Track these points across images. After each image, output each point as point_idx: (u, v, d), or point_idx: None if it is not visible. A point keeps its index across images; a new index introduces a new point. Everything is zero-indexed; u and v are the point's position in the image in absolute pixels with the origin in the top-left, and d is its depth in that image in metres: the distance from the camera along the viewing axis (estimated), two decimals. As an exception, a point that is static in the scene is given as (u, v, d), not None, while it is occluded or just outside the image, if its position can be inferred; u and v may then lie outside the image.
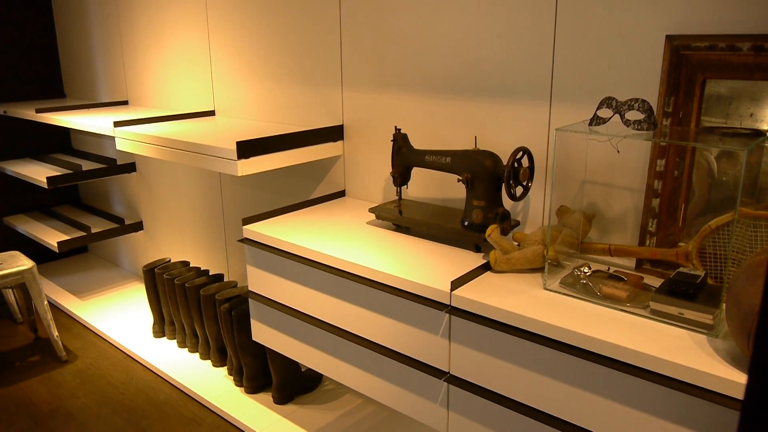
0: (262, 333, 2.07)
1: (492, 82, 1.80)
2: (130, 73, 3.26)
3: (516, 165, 1.63)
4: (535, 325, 1.31)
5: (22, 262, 2.79)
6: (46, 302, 2.83)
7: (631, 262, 1.56)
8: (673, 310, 1.27)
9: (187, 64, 2.86)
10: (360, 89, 2.17)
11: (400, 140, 1.93)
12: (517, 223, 1.77)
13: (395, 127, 2.08)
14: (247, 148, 1.99)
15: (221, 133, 2.31)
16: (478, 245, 1.71)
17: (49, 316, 2.84)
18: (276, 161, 2.09)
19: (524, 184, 1.67)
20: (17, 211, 3.78)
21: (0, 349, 3.01)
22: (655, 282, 1.45)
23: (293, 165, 2.38)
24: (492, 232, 1.56)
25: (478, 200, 1.70)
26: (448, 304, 1.46)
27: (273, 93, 2.49)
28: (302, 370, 2.53)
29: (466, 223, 1.73)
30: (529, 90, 1.72)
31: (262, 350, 2.46)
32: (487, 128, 1.85)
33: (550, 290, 1.45)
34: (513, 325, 1.35)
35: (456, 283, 1.47)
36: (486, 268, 1.58)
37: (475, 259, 1.65)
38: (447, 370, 1.51)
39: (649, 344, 1.18)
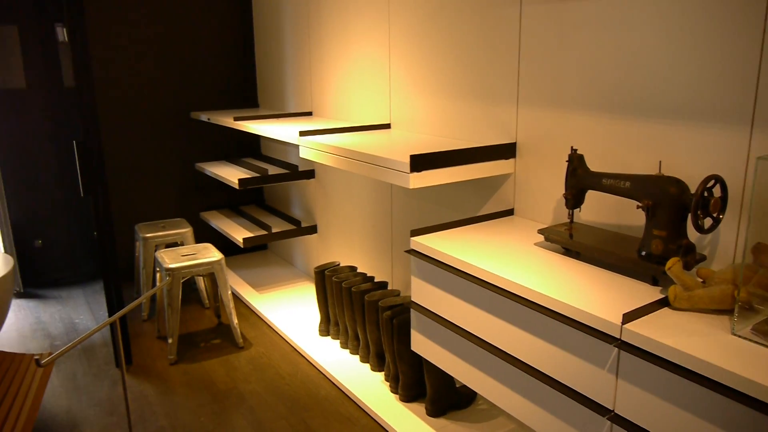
0: (421, 344, 2.11)
1: (681, 102, 1.67)
2: (316, 86, 3.50)
3: (706, 194, 1.49)
4: (720, 373, 1.18)
5: (213, 254, 3.11)
6: (230, 292, 3.12)
7: (844, 314, 1.36)
8: None
9: (367, 78, 3.01)
10: (536, 106, 2.13)
11: (575, 161, 1.86)
12: (703, 258, 1.62)
13: (571, 147, 2.01)
14: (420, 162, 2.04)
15: (395, 146, 2.39)
16: (656, 278, 1.59)
17: (232, 305, 3.12)
18: (447, 176, 2.11)
19: (714, 215, 1.53)
20: (211, 208, 4.23)
21: (189, 330, 3.38)
22: None
23: (463, 180, 2.39)
24: (673, 265, 1.44)
25: (659, 229, 1.58)
26: (618, 337, 1.38)
27: (447, 108, 2.53)
28: (457, 385, 2.52)
29: (643, 253, 1.62)
30: (726, 112, 1.57)
31: (419, 361, 2.50)
32: (673, 152, 1.72)
33: (740, 336, 1.30)
34: (693, 370, 1.23)
35: (628, 317, 1.38)
36: (663, 303, 1.47)
37: (651, 293, 1.54)
38: (611, 408, 1.42)
39: None
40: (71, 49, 2.64)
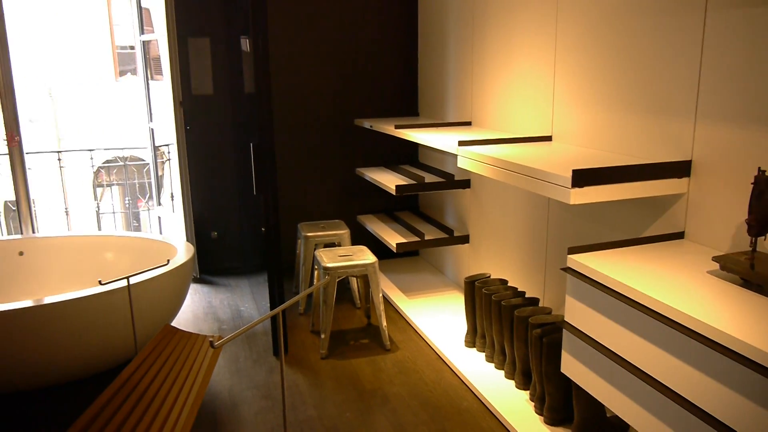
0: (571, 366, 2.02)
1: None
2: (476, 96, 3.50)
3: None
4: None
5: (368, 257, 3.22)
6: (381, 295, 3.21)
7: None
8: None
9: (529, 89, 2.95)
10: (718, 121, 1.95)
11: (763, 183, 1.68)
12: None
13: (758, 168, 1.81)
14: (583, 177, 1.95)
15: (556, 159, 2.32)
16: None
17: (382, 307, 3.21)
18: (611, 193, 2.00)
19: None
20: (368, 212, 4.39)
21: (341, 328, 3.52)
22: None
23: (628, 199, 2.25)
24: None
25: None
26: (807, 386, 1.22)
27: (613, 121, 2.40)
28: (607, 414, 2.38)
29: (844, 293, 1.42)
30: None
31: (568, 383, 2.39)
32: None
33: None
34: None
35: (822, 364, 1.21)
36: None
37: None
38: (794, 465, 1.26)
39: None
40: (253, 59, 2.88)
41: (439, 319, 3.48)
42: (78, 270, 3.56)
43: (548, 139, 2.83)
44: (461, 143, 2.77)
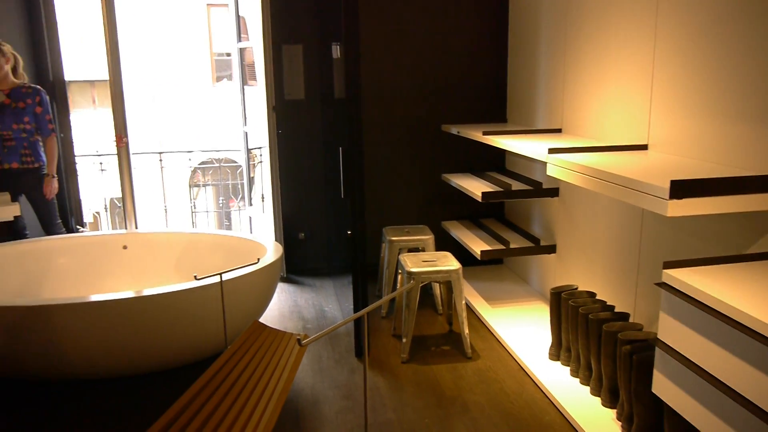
0: (663, 387, 1.92)
1: None
2: (568, 103, 3.41)
3: None
4: None
5: (452, 263, 3.20)
6: (463, 302, 3.19)
7: None
8: None
9: (624, 96, 2.84)
10: (838, 134, 1.80)
11: None
12: None
13: None
14: (682, 188, 1.86)
15: (652, 169, 2.22)
16: None
17: (464, 314, 3.19)
18: (712, 206, 1.90)
19: None
20: (453, 218, 4.37)
21: (422, 333, 3.52)
22: None
23: (732, 213, 2.12)
24: None
25: None
26: None
27: (716, 130, 2.27)
28: (703, 440, 2.25)
29: None
30: None
31: (659, 404, 2.28)
32: None
33: None
34: None
35: None
36: None
37: None
38: None
39: None
40: (344, 65, 2.94)
41: (522, 329, 3.41)
42: (175, 265, 3.76)
43: (644, 147, 2.72)
44: (551, 151, 2.70)
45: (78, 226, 4.60)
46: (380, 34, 4.22)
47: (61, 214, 4.18)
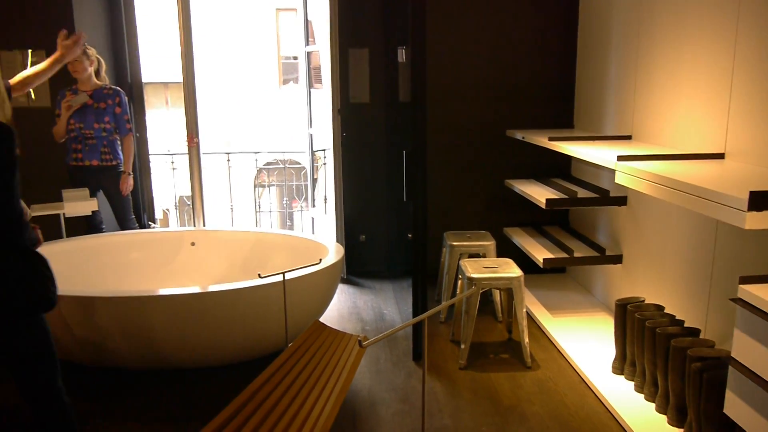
0: (736, 408, 1.83)
1: None
2: (639, 109, 3.30)
3: None
4: None
5: (513, 270, 3.16)
6: (524, 310, 3.14)
7: None
8: None
9: (700, 102, 2.73)
10: None
11: None
12: None
13: None
14: (762, 200, 1.77)
15: (729, 179, 2.13)
16: None
17: (525, 323, 3.14)
18: (796, 220, 1.80)
19: None
20: (515, 224, 4.30)
21: (481, 339, 3.49)
22: None
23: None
24: None
25: None
26: None
27: (805, 141, 2.15)
28: (778, 466, 2.13)
29: None
30: None
31: (731, 426, 2.18)
32: None
33: None
34: None
35: None
36: None
37: None
38: None
39: None
40: (411, 69, 2.95)
41: (585, 340, 3.32)
42: (240, 262, 3.86)
43: (720, 156, 2.61)
44: (620, 158, 2.63)
45: (150, 222, 4.80)
46: (446, 37, 4.22)
47: (134, 210, 4.36)
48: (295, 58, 13.04)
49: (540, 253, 3.62)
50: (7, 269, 1.85)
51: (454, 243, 3.70)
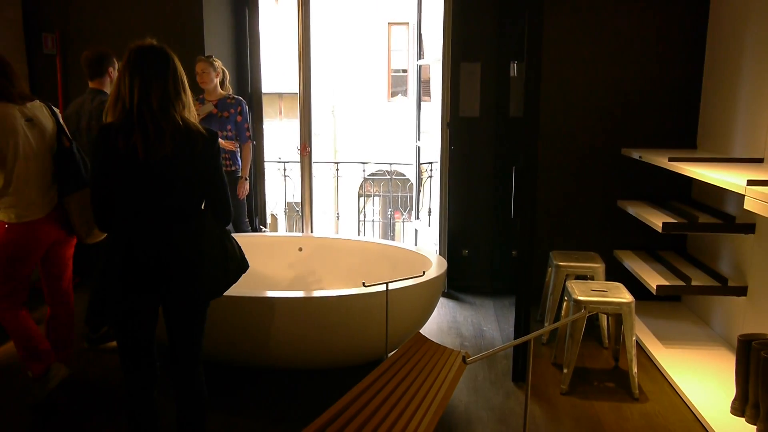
0: None
1: None
2: (774, 131, 3.06)
3: None
4: None
5: (624, 296, 3.01)
6: (634, 338, 2.98)
7: None
8: None
9: None
10: None
11: None
12: None
13: None
14: None
15: None
16: None
17: (634, 351, 2.98)
18: None
19: None
20: (627, 247, 4.10)
21: (584, 365, 3.35)
22: None
23: None
24: None
25: None
26: None
27: None
28: None
29: None
30: None
31: None
32: None
33: None
34: None
35: None
36: None
37: None
38: None
39: None
40: (525, 84, 2.91)
41: (700, 376, 3.10)
42: (344, 270, 3.95)
43: None
44: (751, 182, 2.45)
45: (261, 226, 5.02)
46: (562, 53, 4.12)
47: (247, 214, 4.58)
48: (404, 71, 13.21)
49: (653, 279, 3.43)
50: (228, 248, 2.17)
51: (561, 263, 3.59)
